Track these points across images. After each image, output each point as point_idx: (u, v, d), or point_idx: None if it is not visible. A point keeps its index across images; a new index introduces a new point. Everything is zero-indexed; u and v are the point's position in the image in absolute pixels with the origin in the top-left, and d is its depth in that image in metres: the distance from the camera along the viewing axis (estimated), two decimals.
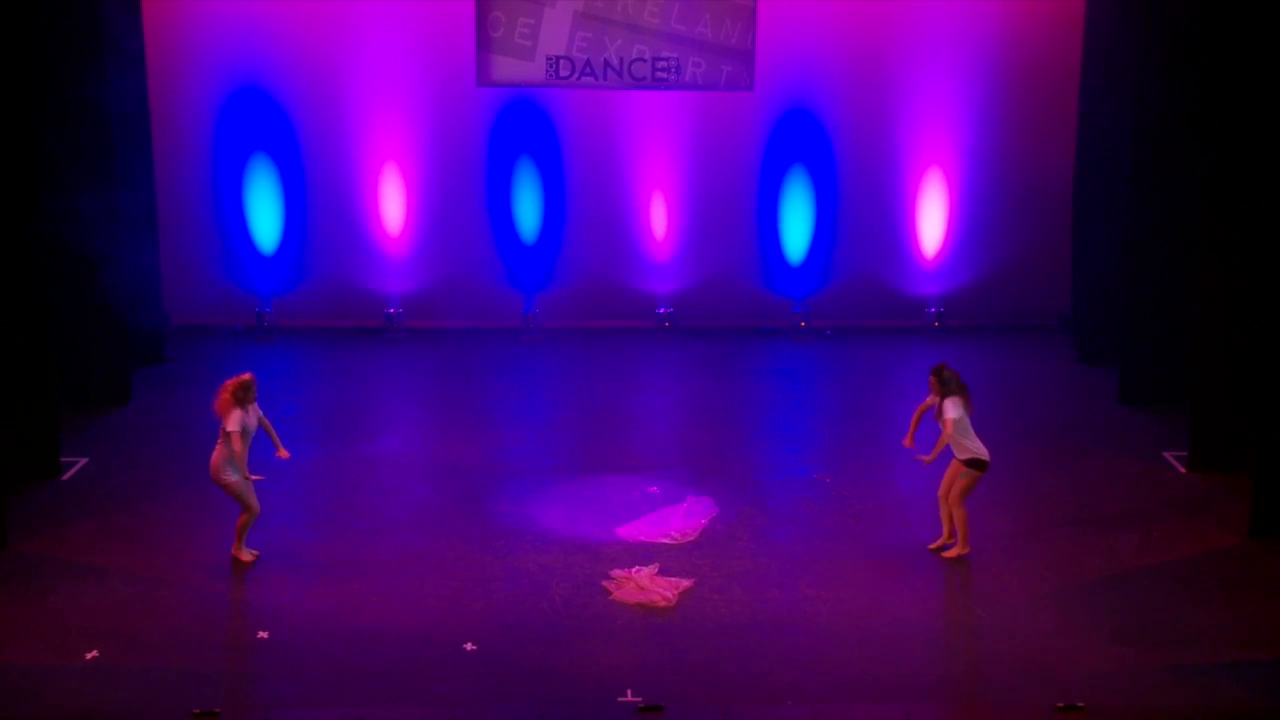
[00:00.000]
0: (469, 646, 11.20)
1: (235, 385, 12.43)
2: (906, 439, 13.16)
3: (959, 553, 12.83)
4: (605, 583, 12.32)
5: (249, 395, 12.47)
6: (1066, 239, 19.89)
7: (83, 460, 15.22)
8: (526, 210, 20.58)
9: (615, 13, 19.44)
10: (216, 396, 12.47)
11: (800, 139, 20.48)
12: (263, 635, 11.40)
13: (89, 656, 11.00)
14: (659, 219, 20.73)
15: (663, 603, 11.97)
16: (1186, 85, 16.03)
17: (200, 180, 20.31)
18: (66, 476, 14.79)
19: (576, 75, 19.63)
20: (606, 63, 19.58)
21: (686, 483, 14.76)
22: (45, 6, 15.44)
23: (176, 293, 19.80)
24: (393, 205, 20.52)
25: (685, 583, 12.29)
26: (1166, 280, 16.83)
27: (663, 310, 20.84)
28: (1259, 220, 14.42)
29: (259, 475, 12.66)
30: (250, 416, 12.48)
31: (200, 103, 20.07)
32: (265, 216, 20.45)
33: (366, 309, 20.70)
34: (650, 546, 13.11)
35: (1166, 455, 15.57)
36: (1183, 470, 15.15)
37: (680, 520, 13.70)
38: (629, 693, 10.53)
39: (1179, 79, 16.24)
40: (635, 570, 12.48)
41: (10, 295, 14.21)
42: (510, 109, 20.31)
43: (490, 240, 20.68)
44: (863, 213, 20.77)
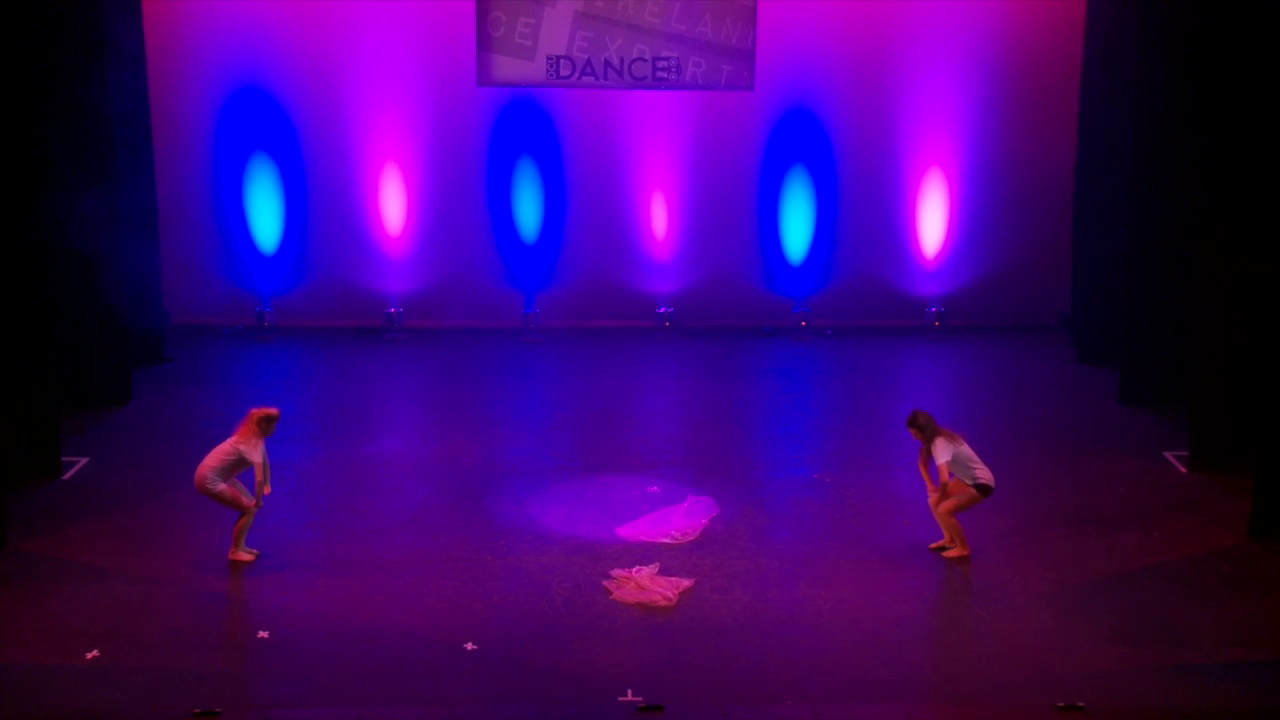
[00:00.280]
0: (469, 646, 11.19)
1: (263, 417, 12.52)
2: (930, 495, 12.90)
3: (959, 553, 12.82)
4: (605, 582, 12.31)
5: (272, 429, 12.59)
6: (1066, 239, 19.90)
7: (83, 460, 15.21)
8: (527, 210, 20.59)
9: (616, 12, 19.44)
10: (244, 420, 12.55)
11: (800, 139, 20.50)
12: (263, 635, 11.39)
13: (89, 656, 10.99)
14: (659, 219, 20.74)
15: (663, 602, 11.96)
16: (1187, 85, 16.02)
17: (200, 180, 20.32)
18: (67, 476, 14.79)
19: (577, 75, 19.63)
20: (607, 63, 19.58)
21: (687, 482, 14.75)
22: (45, 6, 15.44)
23: (176, 293, 19.81)
24: (393, 205, 20.52)
25: (685, 582, 12.28)
26: (1166, 280, 16.83)
27: (663, 310, 20.84)
28: (1260, 220, 14.41)
29: (257, 502, 12.69)
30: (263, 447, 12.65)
31: (200, 103, 20.09)
32: (265, 216, 20.46)
33: (366, 309, 20.71)
34: (650, 546, 13.10)
35: (1167, 455, 15.56)
36: (1183, 470, 15.14)
37: (680, 520, 13.69)
38: (629, 693, 10.52)
39: (1179, 79, 16.23)
40: (635, 570, 12.47)
41: (10, 295, 14.21)
42: (510, 109, 20.32)
43: (490, 240, 20.69)
44: (863, 212, 20.78)
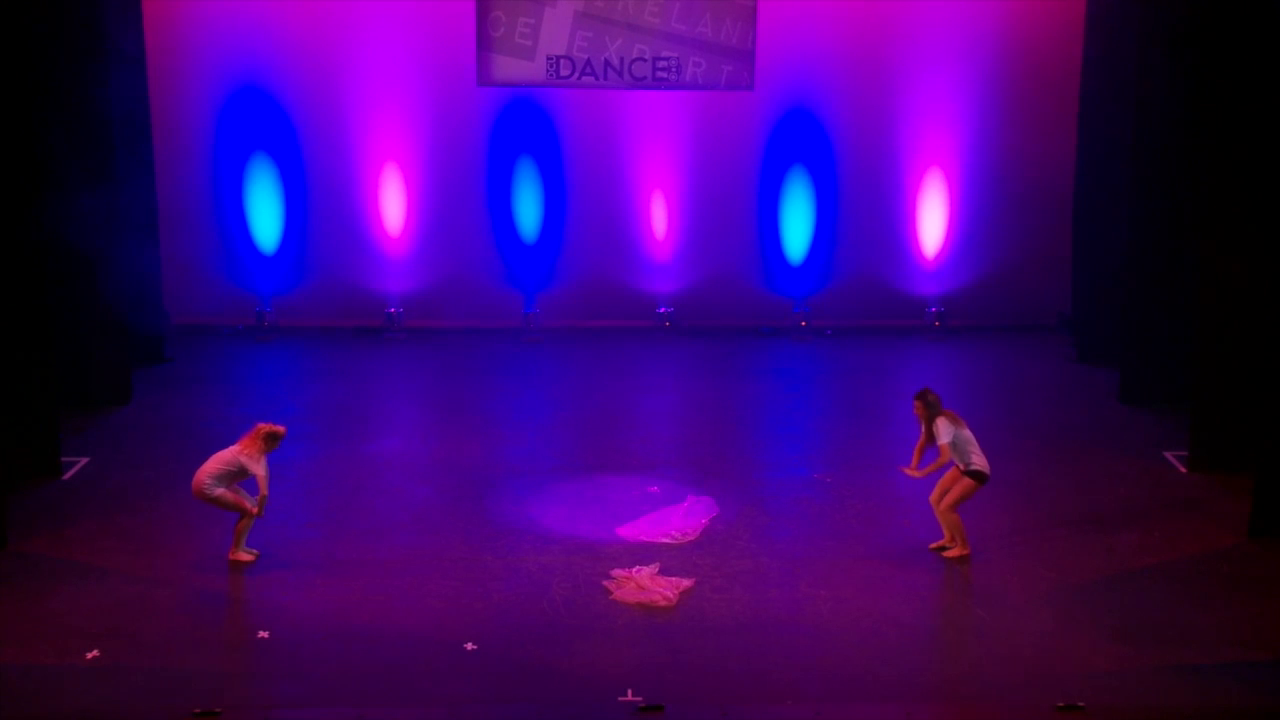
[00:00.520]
0: (469, 646, 11.19)
1: (269, 433, 12.51)
2: (911, 468, 12.90)
3: (959, 553, 12.82)
4: (605, 582, 12.31)
5: (276, 446, 12.58)
6: (1066, 239, 19.90)
7: (83, 460, 15.21)
8: (527, 210, 20.59)
9: (616, 12, 19.44)
10: (249, 432, 12.55)
11: (800, 139, 20.49)
12: (263, 635, 11.40)
13: (89, 656, 10.98)
14: (659, 219, 20.73)
15: (663, 602, 11.96)
16: (1187, 85, 16.02)
17: (200, 180, 20.32)
18: (67, 476, 14.79)
19: (577, 75, 19.63)
20: (607, 63, 19.58)
21: (687, 482, 14.75)
22: (45, 7, 15.44)
23: (177, 292, 19.81)
24: (393, 205, 20.52)
25: (686, 582, 12.28)
26: (1167, 280, 16.83)
27: (663, 310, 20.84)
28: (1260, 220, 14.41)
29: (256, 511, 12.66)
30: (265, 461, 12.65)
31: (200, 103, 20.09)
32: (265, 216, 20.46)
33: (366, 309, 20.71)
34: (651, 546, 13.10)
35: (1167, 455, 15.56)
36: (1183, 470, 15.14)
37: (681, 520, 13.69)
38: (629, 693, 10.52)
39: (1180, 79, 16.23)
40: (636, 570, 12.47)
41: (10, 295, 14.21)
42: (511, 109, 20.32)
43: (490, 240, 20.69)
44: (863, 213, 20.77)
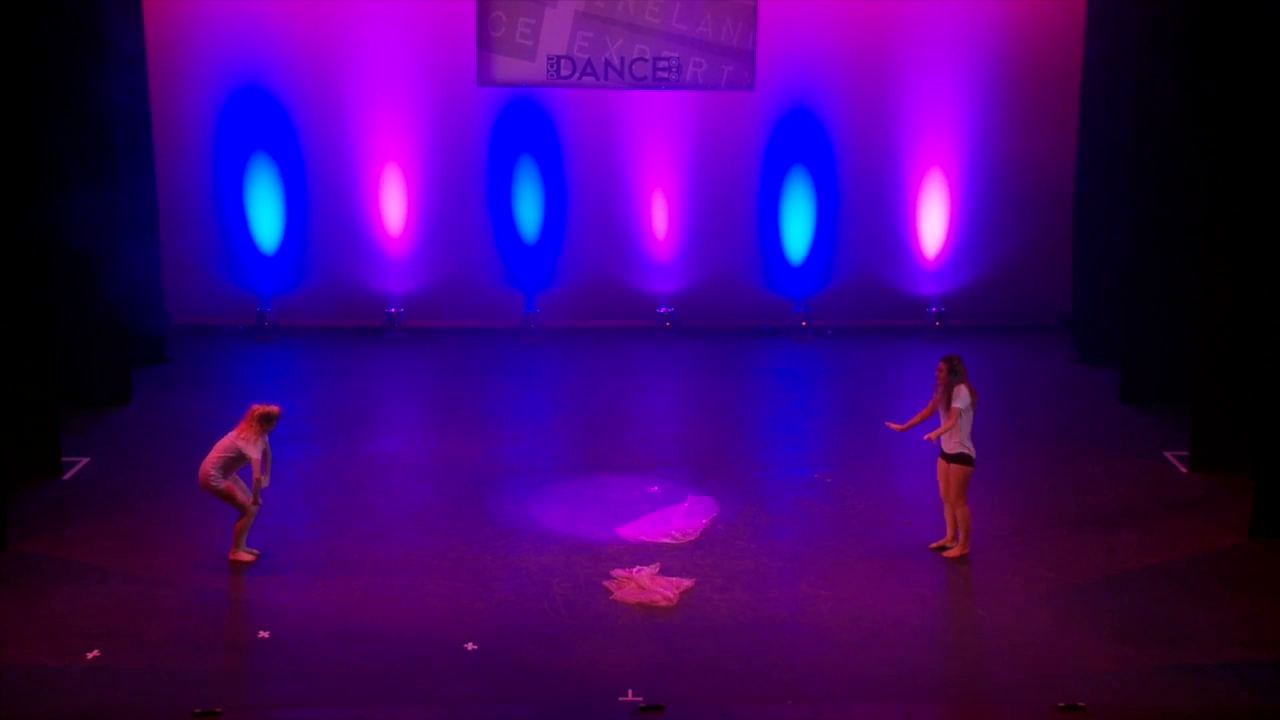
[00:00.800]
0: (469, 646, 11.19)
1: (264, 414, 12.50)
2: (900, 426, 13.05)
3: (960, 553, 12.82)
4: (606, 582, 12.31)
5: (272, 427, 12.56)
6: (1067, 239, 19.91)
7: (84, 460, 15.22)
8: (527, 210, 20.59)
9: (616, 12, 19.44)
10: (245, 415, 12.52)
11: (801, 139, 20.49)
12: (263, 635, 11.40)
13: (89, 656, 10.99)
14: (660, 219, 20.73)
15: (663, 602, 11.96)
16: (1187, 85, 16.03)
17: (200, 180, 20.32)
18: (67, 476, 14.79)
19: (577, 75, 19.63)
20: (607, 62, 19.58)
21: (687, 482, 14.75)
22: (45, 7, 15.44)
23: (177, 292, 19.81)
24: (393, 205, 20.52)
25: (686, 582, 12.28)
26: (1167, 280, 16.83)
27: (663, 310, 20.84)
28: (1260, 220, 14.41)
29: (258, 503, 12.64)
30: (264, 442, 12.59)
31: (200, 103, 20.09)
32: (265, 216, 20.46)
33: (366, 309, 20.70)
34: (651, 546, 13.10)
35: (1167, 455, 15.56)
36: (1183, 470, 15.13)
37: (681, 520, 13.69)
38: (629, 693, 10.52)
39: (1180, 79, 16.24)
40: (636, 570, 12.47)
41: (10, 295, 14.22)
42: (511, 109, 20.32)
43: (491, 240, 20.69)
44: (863, 213, 20.77)
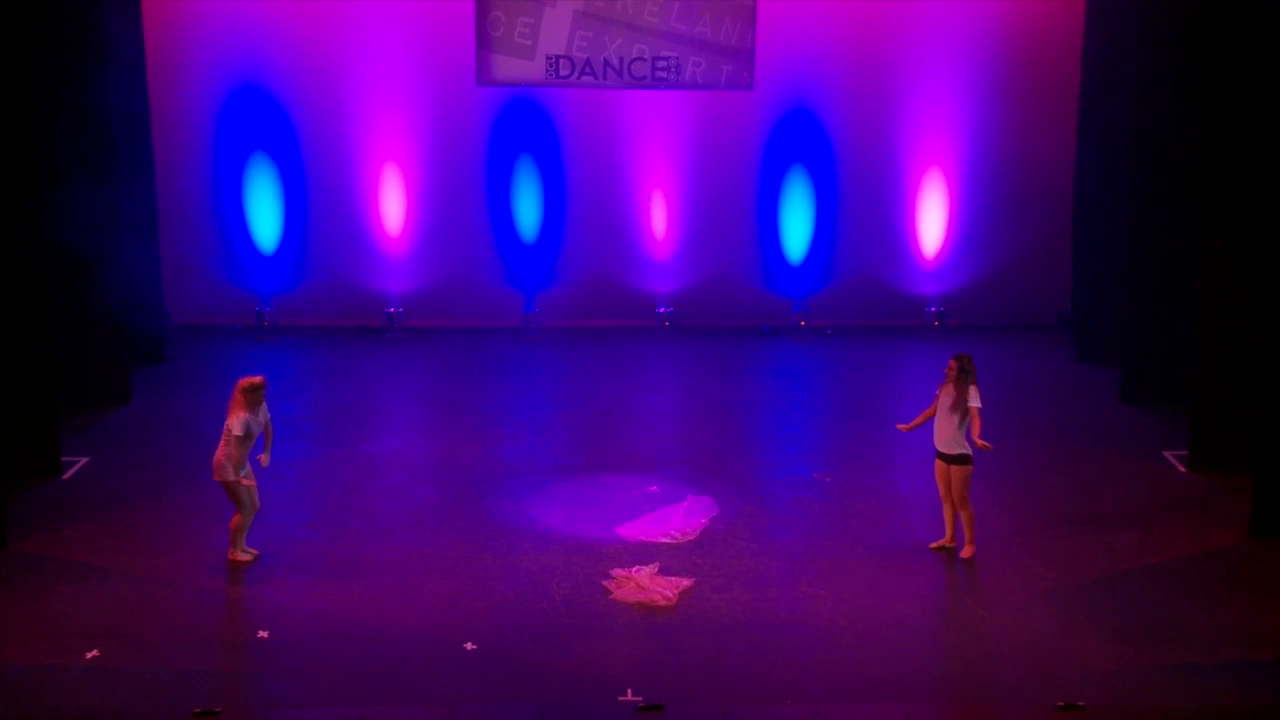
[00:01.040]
0: (469, 646, 11.19)
1: (246, 386, 12.39)
2: (905, 426, 13.22)
3: (971, 552, 12.79)
4: (605, 582, 12.31)
5: (258, 398, 12.45)
6: (1066, 239, 19.91)
7: (83, 460, 15.21)
8: (526, 210, 20.59)
9: (615, 12, 19.43)
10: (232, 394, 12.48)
11: (800, 139, 20.49)
12: (263, 635, 11.40)
13: (89, 656, 10.99)
14: (659, 218, 20.73)
15: (663, 602, 11.96)
16: (1187, 84, 16.02)
17: (200, 180, 20.32)
18: (67, 476, 14.79)
19: (576, 75, 19.63)
20: (606, 62, 19.57)
21: (687, 482, 14.75)
22: (44, 7, 15.44)
23: (177, 293, 19.82)
24: (393, 205, 20.52)
25: (685, 582, 12.29)
26: (1167, 279, 16.83)
27: (663, 310, 20.84)
28: (1260, 219, 14.41)
29: (251, 481, 12.57)
30: (258, 417, 12.47)
31: (200, 103, 20.08)
32: (265, 216, 20.46)
33: (366, 309, 20.70)
34: (650, 546, 13.10)
35: (1167, 455, 15.56)
36: (1183, 470, 15.14)
37: (680, 519, 13.69)
38: (629, 692, 10.53)
39: (1179, 78, 16.23)
40: (635, 570, 12.47)
41: (11, 295, 14.22)
42: (510, 108, 20.32)
43: (490, 240, 20.68)
44: (863, 212, 20.77)
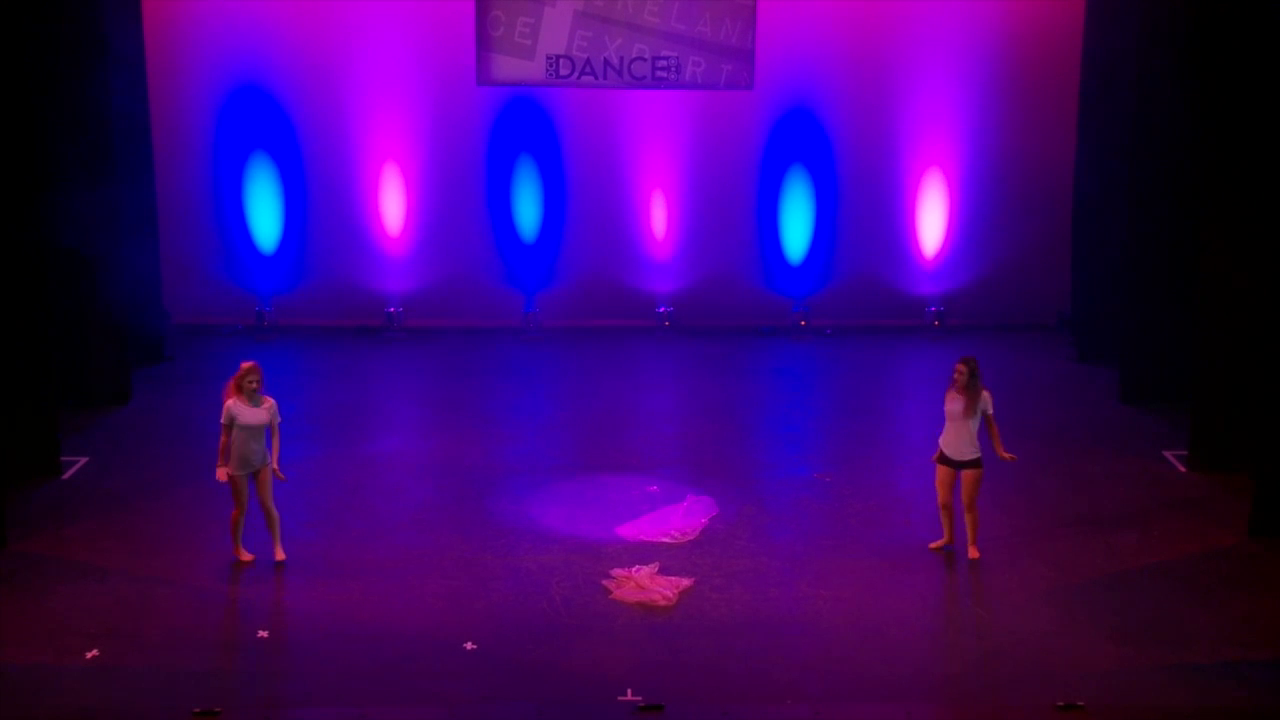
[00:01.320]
0: (469, 646, 11.19)
1: (238, 378, 12.30)
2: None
3: (977, 554, 12.78)
4: (605, 582, 12.31)
5: (245, 383, 12.26)
6: (1066, 239, 19.90)
7: (83, 459, 15.21)
8: (526, 209, 20.58)
9: (615, 12, 19.42)
10: None
11: (800, 138, 20.49)
12: (263, 635, 11.40)
13: (89, 656, 10.99)
14: (659, 218, 20.73)
15: (663, 602, 11.96)
16: (1187, 84, 16.01)
17: (200, 180, 20.32)
18: (67, 476, 14.79)
19: (576, 74, 19.62)
20: (606, 62, 19.57)
21: (686, 482, 14.75)
22: (44, 7, 15.44)
23: (177, 292, 19.81)
24: (393, 205, 20.52)
25: (685, 582, 12.29)
26: (1166, 279, 16.83)
27: (663, 309, 20.83)
28: (1260, 219, 14.41)
29: (233, 472, 12.46)
30: (257, 411, 12.31)
31: (200, 102, 20.08)
32: (265, 216, 20.46)
33: (366, 308, 20.70)
34: (650, 545, 13.10)
35: (1166, 455, 15.56)
36: (1183, 470, 15.14)
37: (680, 519, 13.69)
38: (629, 692, 10.52)
39: (1179, 78, 16.22)
40: (635, 569, 12.47)
41: (11, 295, 14.22)
42: (510, 108, 20.31)
43: (490, 240, 20.68)
44: (863, 212, 20.76)
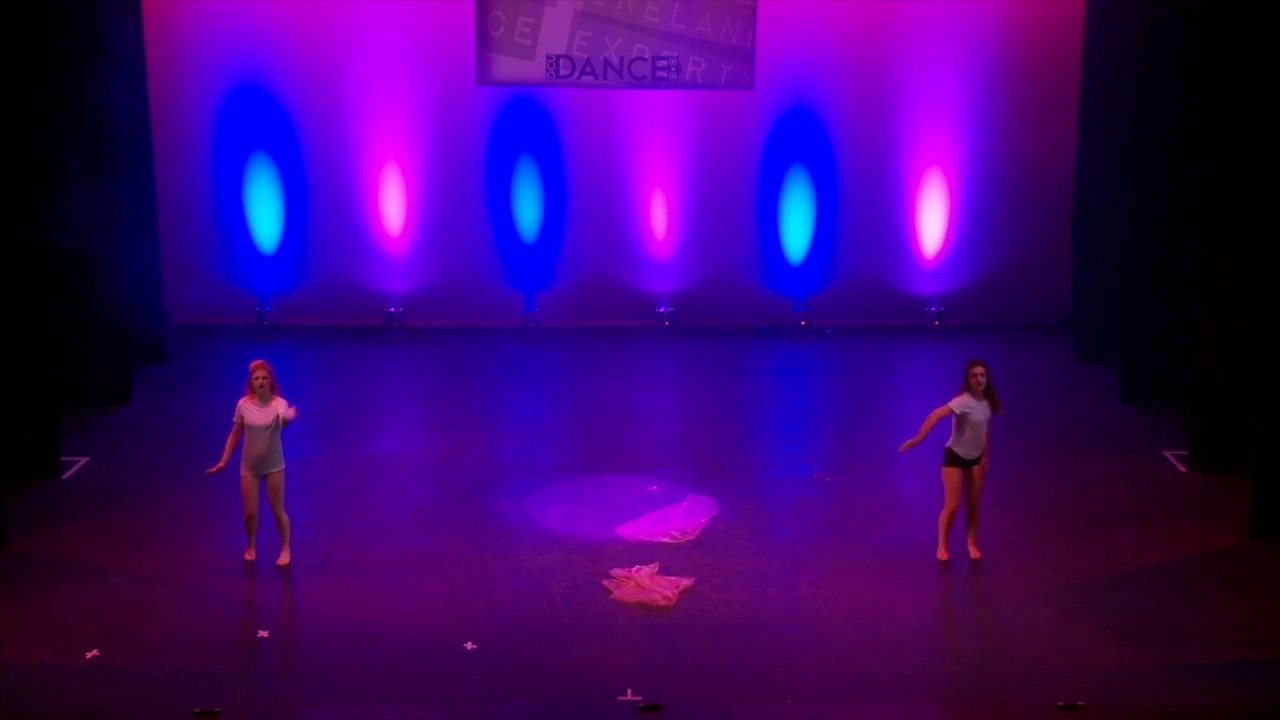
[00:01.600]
0: (469, 646, 11.20)
1: (248, 382, 12.26)
2: (909, 443, 12.56)
3: (978, 554, 12.78)
4: (605, 582, 12.31)
5: (253, 380, 12.23)
6: (1066, 238, 19.90)
7: (83, 459, 15.21)
8: (526, 209, 20.58)
9: (615, 12, 19.42)
10: None
11: (800, 138, 20.48)
12: (263, 634, 11.41)
13: (89, 656, 11.00)
14: (659, 218, 20.73)
15: (663, 602, 11.96)
16: (1187, 84, 16.01)
17: (200, 180, 20.31)
18: (67, 476, 14.79)
19: (576, 74, 19.62)
20: (606, 62, 19.56)
21: (686, 482, 14.75)
22: (43, 7, 15.44)
23: (177, 293, 19.81)
24: (393, 205, 20.51)
25: (685, 582, 12.29)
26: (1166, 279, 16.83)
27: (663, 310, 20.83)
28: (1260, 219, 14.41)
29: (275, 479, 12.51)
30: (263, 411, 12.23)
31: (199, 103, 20.07)
32: (265, 216, 20.45)
33: (367, 308, 20.69)
34: (650, 545, 13.10)
35: (1167, 454, 15.56)
36: (1183, 470, 15.14)
37: (680, 519, 13.70)
38: (629, 692, 10.53)
39: (1179, 78, 16.22)
40: (635, 569, 12.48)
41: (11, 295, 14.22)
42: (510, 108, 20.31)
43: (490, 240, 20.67)
44: (863, 212, 20.76)
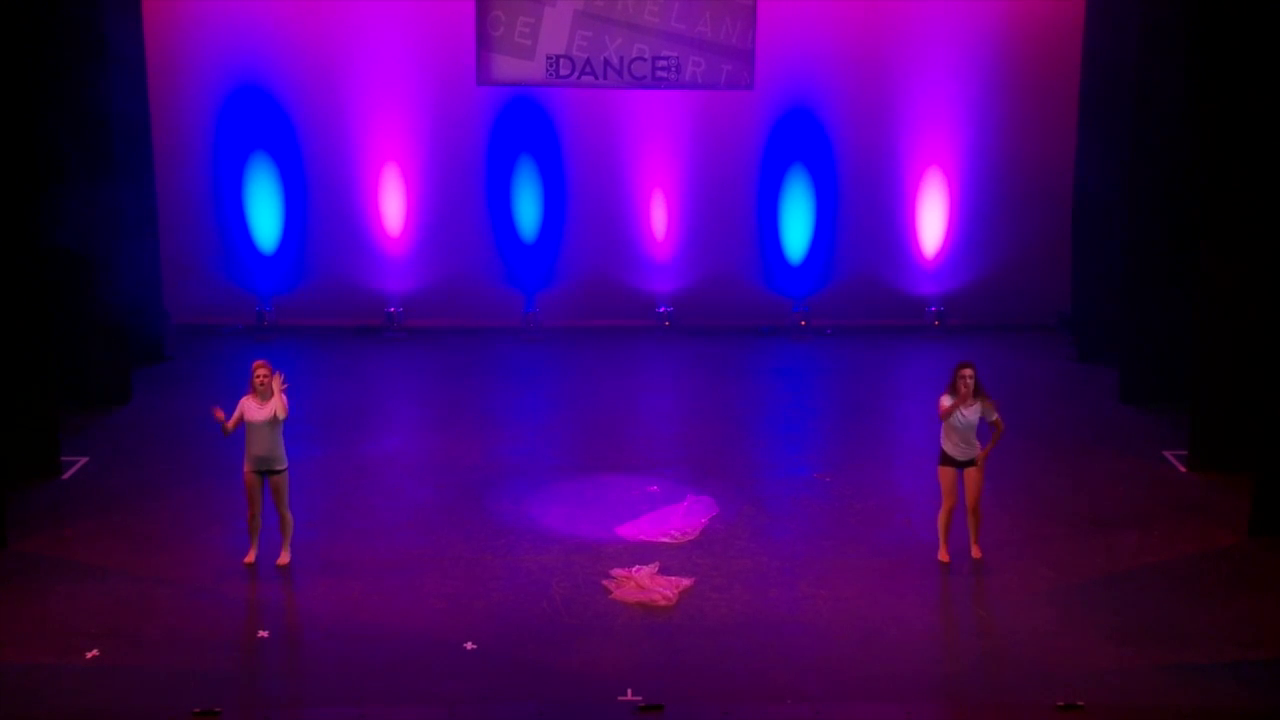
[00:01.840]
0: (469, 646, 11.20)
1: (251, 382, 12.27)
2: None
3: (979, 554, 12.79)
4: (605, 582, 12.31)
5: (257, 382, 12.21)
6: (1066, 239, 19.89)
7: (83, 460, 15.21)
8: (526, 209, 20.58)
9: (615, 12, 19.42)
10: None
11: (800, 138, 20.48)
12: (263, 635, 11.41)
13: (89, 656, 11.00)
14: (659, 218, 20.73)
15: (663, 602, 11.96)
16: (1187, 85, 15.99)
17: (200, 180, 20.31)
18: (67, 476, 14.79)
19: (576, 74, 19.62)
20: (606, 62, 19.56)
21: (686, 482, 14.75)
22: (43, 7, 15.44)
23: (176, 292, 19.80)
24: (393, 205, 20.51)
25: (685, 582, 12.29)
26: (1166, 279, 16.82)
27: (663, 309, 20.83)
28: (1260, 220, 14.41)
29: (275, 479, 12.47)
30: (261, 408, 12.20)
31: (200, 102, 20.07)
32: (265, 216, 20.45)
33: (367, 308, 20.69)
34: (650, 545, 13.10)
35: (1166, 454, 15.56)
36: (1183, 469, 15.14)
37: (680, 519, 13.70)
38: (629, 692, 10.53)
39: (1180, 79, 16.21)
40: (635, 569, 12.48)
41: (11, 295, 14.22)
42: (510, 108, 20.31)
43: (490, 240, 20.67)
44: (863, 212, 20.75)
